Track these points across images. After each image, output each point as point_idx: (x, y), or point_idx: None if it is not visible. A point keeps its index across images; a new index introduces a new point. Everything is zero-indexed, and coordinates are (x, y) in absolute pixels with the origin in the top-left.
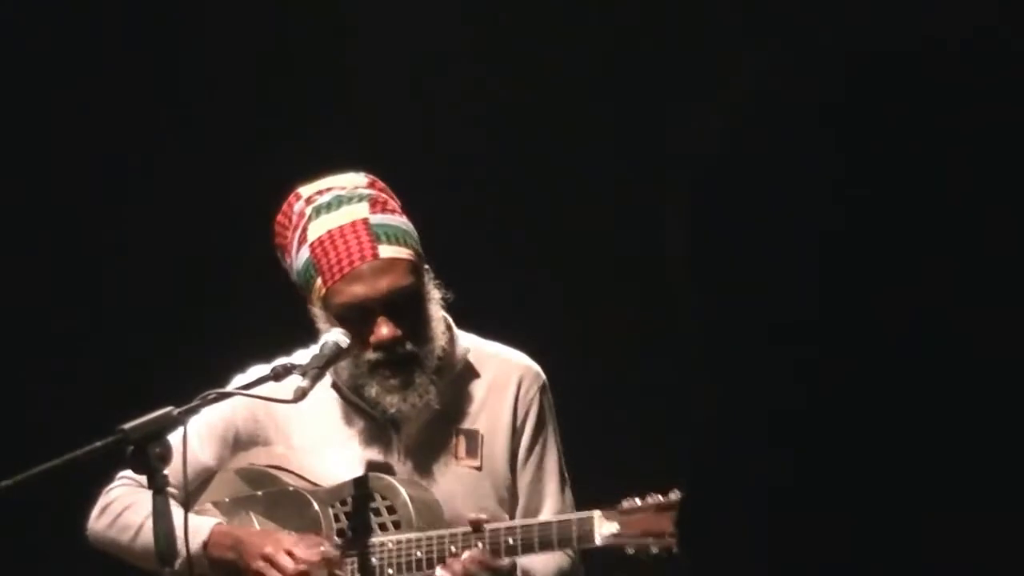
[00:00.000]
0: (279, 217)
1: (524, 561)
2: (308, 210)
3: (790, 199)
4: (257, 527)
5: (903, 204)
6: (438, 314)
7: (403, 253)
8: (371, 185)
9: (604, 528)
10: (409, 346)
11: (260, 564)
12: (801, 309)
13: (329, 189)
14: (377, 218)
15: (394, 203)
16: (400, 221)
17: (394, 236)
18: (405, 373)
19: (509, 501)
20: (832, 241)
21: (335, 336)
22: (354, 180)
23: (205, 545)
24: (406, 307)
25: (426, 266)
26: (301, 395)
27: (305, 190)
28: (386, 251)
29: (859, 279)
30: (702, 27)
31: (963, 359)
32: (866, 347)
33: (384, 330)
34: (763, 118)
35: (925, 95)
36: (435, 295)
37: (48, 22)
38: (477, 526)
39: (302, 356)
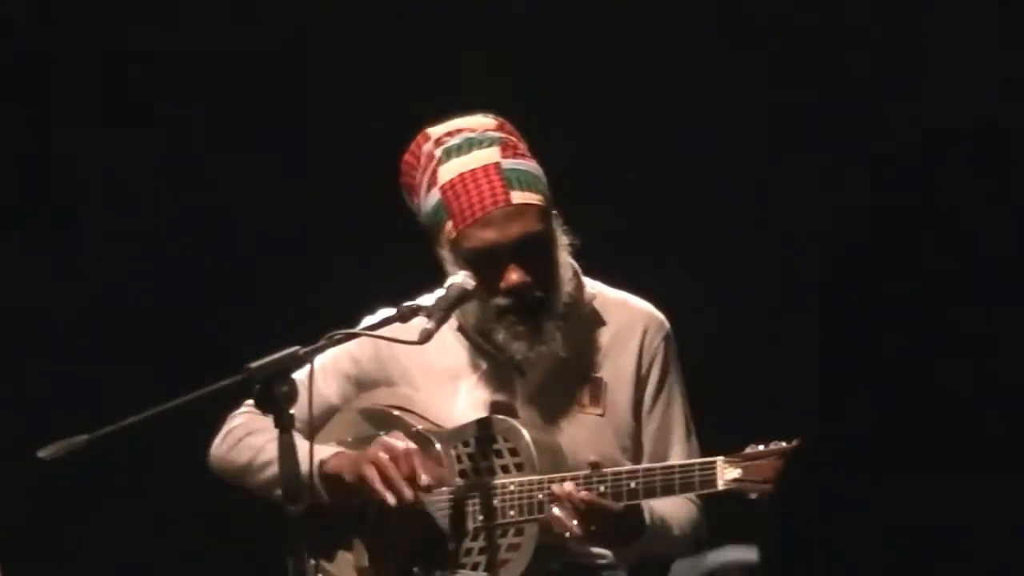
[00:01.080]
0: (406, 157)
1: (653, 503)
2: (438, 152)
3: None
4: None
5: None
6: (566, 260)
7: (534, 199)
8: (500, 128)
9: (727, 473)
10: (538, 292)
11: (367, 468)
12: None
13: (459, 131)
14: (508, 163)
15: (523, 146)
16: (531, 166)
17: (525, 181)
18: (533, 320)
19: (633, 450)
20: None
21: (460, 279)
22: (483, 122)
23: (322, 467)
24: (536, 253)
25: (555, 211)
26: (427, 337)
27: (434, 131)
28: (517, 196)
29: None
30: None
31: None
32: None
33: (514, 276)
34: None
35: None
36: (563, 241)
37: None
38: (596, 466)
39: (428, 298)
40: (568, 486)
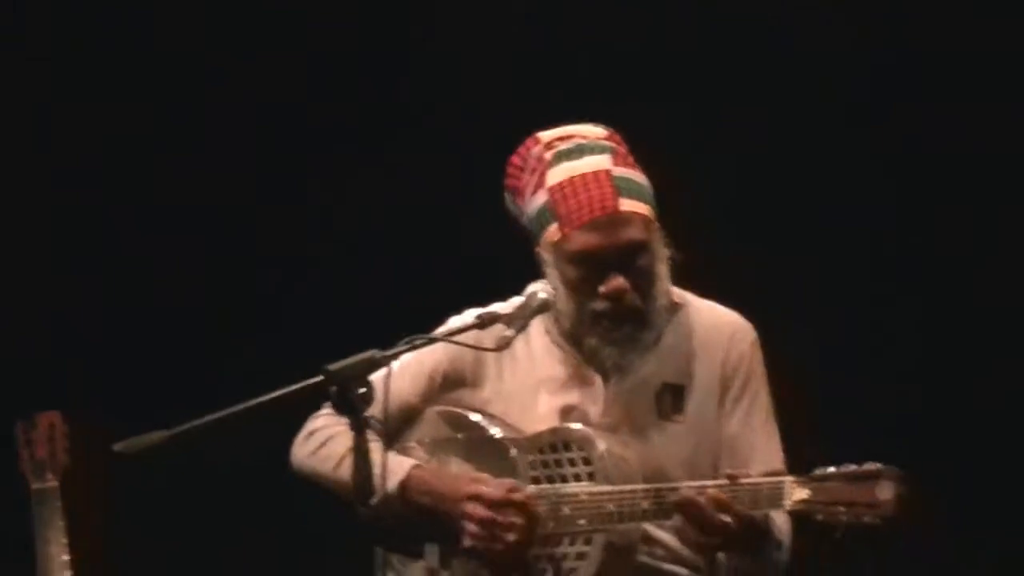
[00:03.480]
0: (514, 159)
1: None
2: (548, 155)
3: None
4: (455, 470)
5: None
6: (665, 273)
7: (642, 208)
8: (610, 137)
9: (794, 494)
10: (636, 301)
11: (465, 505)
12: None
13: (571, 137)
14: (619, 171)
15: (632, 158)
16: (640, 176)
17: (635, 191)
18: (628, 327)
19: (716, 455)
20: None
21: (540, 289)
22: (594, 131)
23: (402, 486)
24: (639, 262)
25: (657, 224)
26: (505, 344)
27: (545, 135)
28: (627, 204)
29: None
30: None
31: None
32: None
33: (615, 282)
34: None
35: None
36: (664, 254)
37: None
38: (731, 478)
39: (507, 306)
40: (712, 490)
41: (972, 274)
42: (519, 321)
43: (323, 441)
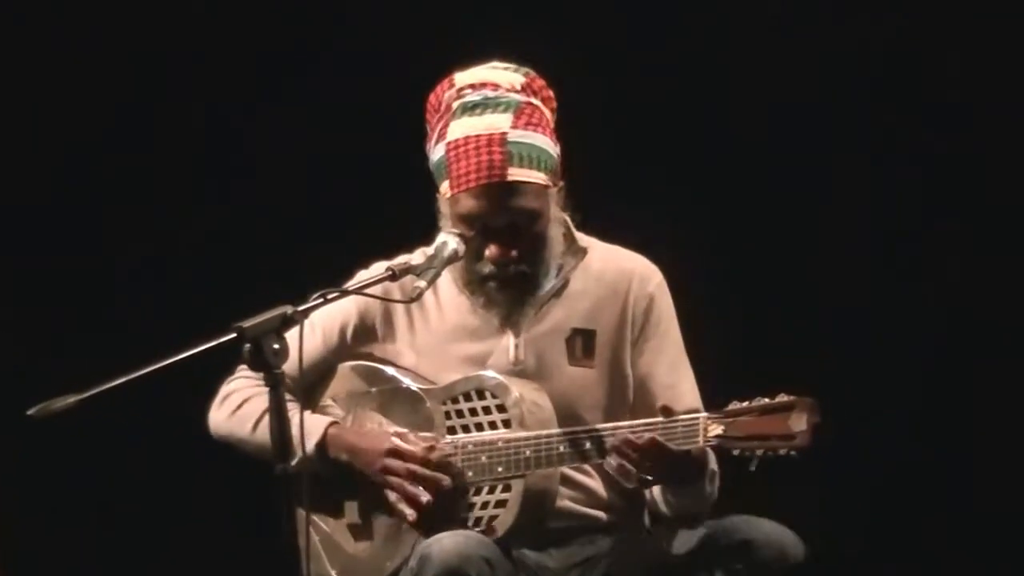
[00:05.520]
0: (431, 97)
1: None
2: (455, 104)
3: None
4: (370, 425)
5: None
6: (558, 235)
7: (533, 176)
8: (525, 88)
9: (710, 430)
10: (522, 267)
11: (386, 462)
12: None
13: (483, 85)
14: (516, 134)
15: (542, 112)
16: (540, 140)
17: (528, 157)
18: (514, 290)
19: (629, 397)
20: None
21: (450, 240)
22: (510, 79)
23: (319, 447)
24: (525, 230)
25: (559, 184)
26: (417, 296)
27: (459, 78)
28: (515, 173)
29: None
30: None
31: None
32: None
33: (497, 249)
34: None
35: None
36: (559, 216)
37: None
38: (666, 411)
39: (417, 256)
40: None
41: (970, 274)
42: (431, 272)
43: (239, 403)
